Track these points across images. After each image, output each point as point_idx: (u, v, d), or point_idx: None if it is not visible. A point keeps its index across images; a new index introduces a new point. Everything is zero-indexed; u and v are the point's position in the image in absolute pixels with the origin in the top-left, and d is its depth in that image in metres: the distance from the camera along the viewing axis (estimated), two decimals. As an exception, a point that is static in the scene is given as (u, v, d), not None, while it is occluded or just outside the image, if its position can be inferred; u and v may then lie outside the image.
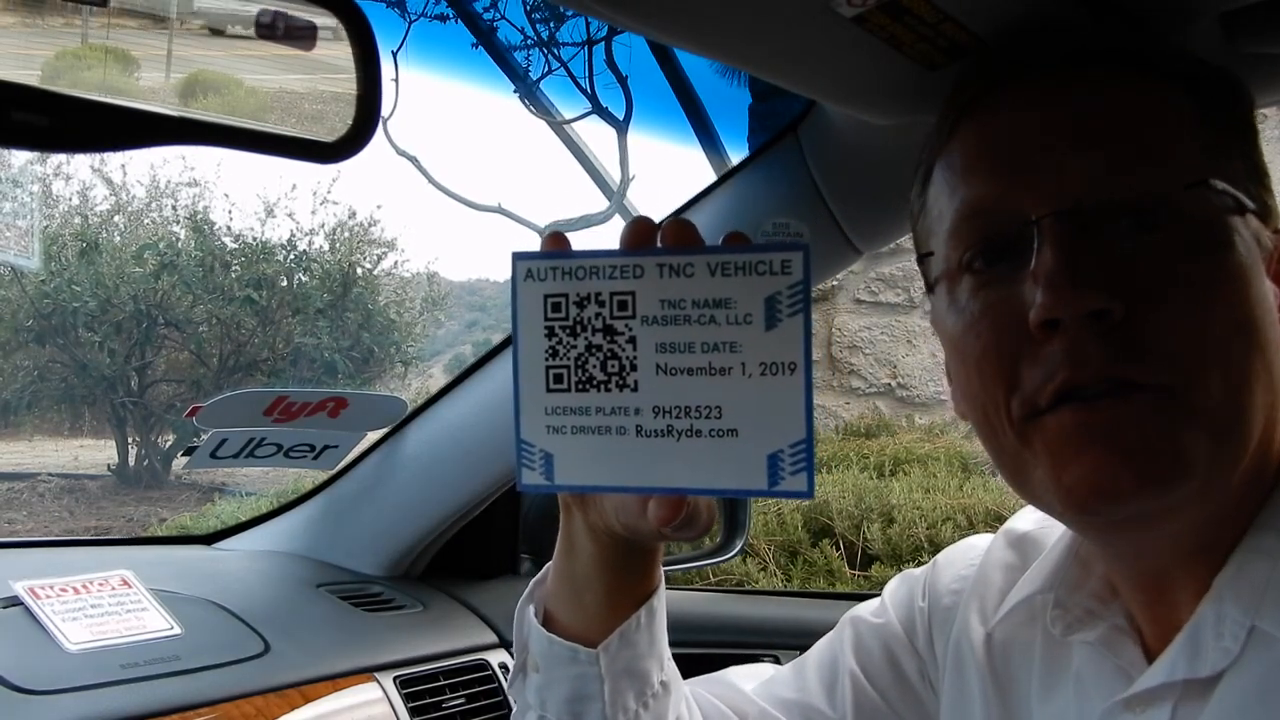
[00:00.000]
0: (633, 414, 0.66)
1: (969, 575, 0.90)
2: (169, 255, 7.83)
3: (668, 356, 0.65)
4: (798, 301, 0.63)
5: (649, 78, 8.46)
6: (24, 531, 6.76)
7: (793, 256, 0.63)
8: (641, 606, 0.80)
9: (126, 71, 0.64)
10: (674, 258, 0.65)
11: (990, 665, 0.85)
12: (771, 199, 1.27)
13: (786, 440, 0.63)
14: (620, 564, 0.79)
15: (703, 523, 0.71)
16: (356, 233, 8.58)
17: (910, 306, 5.48)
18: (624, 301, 0.66)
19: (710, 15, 0.79)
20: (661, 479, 0.67)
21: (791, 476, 0.63)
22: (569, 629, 0.81)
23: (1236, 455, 0.67)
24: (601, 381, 0.67)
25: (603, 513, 0.75)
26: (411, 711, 1.33)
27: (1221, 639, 0.67)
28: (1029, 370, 0.68)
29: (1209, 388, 0.65)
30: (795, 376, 0.63)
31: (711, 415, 0.65)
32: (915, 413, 5.37)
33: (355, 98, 0.66)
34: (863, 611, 0.98)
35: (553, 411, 0.68)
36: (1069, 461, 0.67)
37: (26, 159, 6.67)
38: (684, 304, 0.65)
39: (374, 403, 1.56)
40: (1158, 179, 0.67)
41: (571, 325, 0.67)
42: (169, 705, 1.13)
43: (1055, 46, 0.73)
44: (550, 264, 0.68)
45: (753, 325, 0.64)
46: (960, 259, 0.73)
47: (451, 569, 1.68)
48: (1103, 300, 0.65)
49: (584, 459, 0.68)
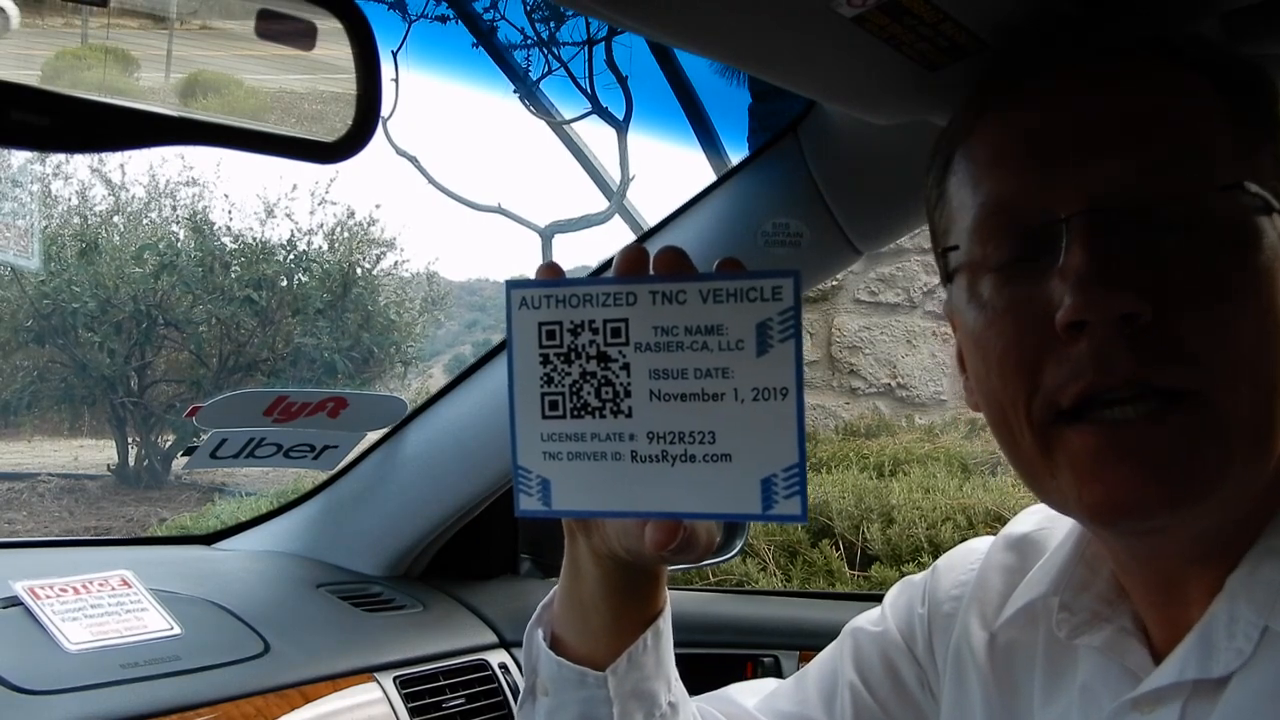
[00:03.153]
0: (628, 439, 0.67)
1: (968, 580, 0.90)
2: (169, 255, 7.83)
3: (661, 382, 0.66)
4: (789, 327, 0.64)
5: (649, 78, 8.47)
6: (24, 531, 6.76)
7: (783, 283, 0.64)
8: (648, 628, 0.81)
9: (126, 71, 0.64)
10: (666, 285, 0.66)
11: (992, 669, 0.84)
12: (771, 199, 1.27)
13: (779, 464, 0.64)
14: (625, 587, 0.80)
15: (701, 547, 0.72)
16: (356, 233, 8.58)
17: (910, 306, 5.48)
18: (617, 329, 0.67)
19: (710, 15, 0.79)
20: (657, 504, 0.67)
21: (785, 500, 0.64)
22: (577, 652, 0.82)
23: (1263, 462, 0.67)
24: (596, 408, 0.68)
25: (605, 537, 0.76)
26: (411, 711, 1.33)
27: (1234, 639, 0.66)
28: (1053, 369, 0.67)
29: (1237, 395, 0.65)
30: (787, 401, 0.64)
31: (705, 440, 0.66)
32: (915, 413, 5.37)
33: (355, 98, 0.66)
34: (863, 621, 0.98)
35: (549, 438, 0.69)
36: (1093, 479, 0.66)
37: (26, 159, 6.67)
38: (676, 330, 0.66)
39: (374, 403, 1.56)
40: (1191, 180, 0.66)
41: (566, 352, 0.68)
42: (169, 705, 1.13)
43: (1085, 39, 0.73)
44: (544, 292, 0.68)
45: (744, 351, 0.65)
46: (984, 253, 0.72)
47: (451, 569, 1.68)
48: (1132, 303, 0.64)
49: (580, 484, 0.69)
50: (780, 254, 1.25)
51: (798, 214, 1.25)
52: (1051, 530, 0.87)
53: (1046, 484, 0.71)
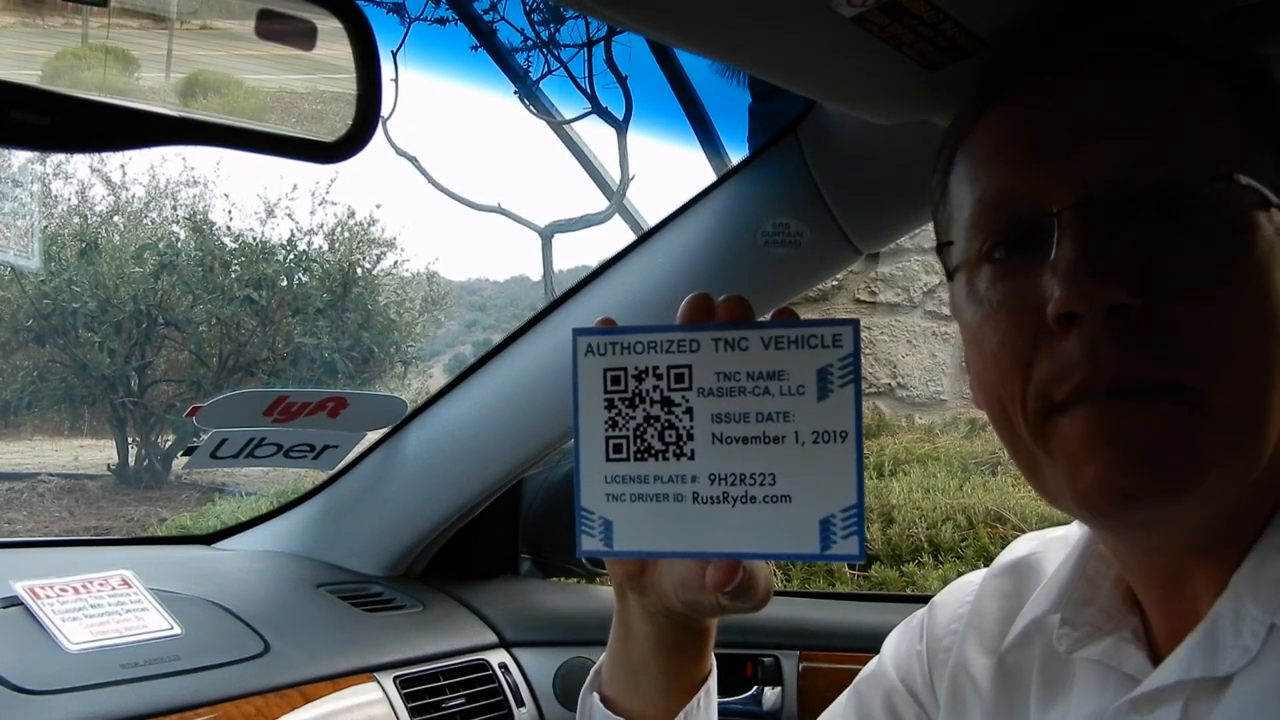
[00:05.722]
0: (689, 481, 0.69)
1: (964, 613, 0.90)
2: (169, 255, 7.83)
3: (723, 426, 0.69)
4: (849, 373, 0.66)
5: (649, 78, 8.48)
6: (24, 531, 6.76)
7: (843, 330, 0.67)
8: (699, 689, 0.83)
9: (127, 71, 0.64)
10: (729, 332, 0.69)
11: (994, 693, 0.84)
12: (771, 199, 1.27)
13: (838, 505, 0.66)
14: (676, 646, 0.82)
15: (760, 591, 0.73)
16: (356, 233, 8.58)
17: (910, 306, 5.48)
18: (681, 374, 0.69)
19: (710, 15, 0.79)
20: (717, 544, 0.69)
21: (843, 540, 0.66)
22: (628, 714, 0.84)
23: (1255, 456, 0.66)
24: (659, 451, 0.70)
25: (662, 593, 0.77)
26: (411, 711, 1.33)
27: (1240, 637, 0.66)
28: (1044, 363, 0.67)
29: (1229, 387, 0.64)
30: (846, 444, 0.66)
31: (766, 482, 0.68)
32: (915, 413, 5.37)
33: (355, 98, 0.66)
34: (863, 673, 0.98)
35: (612, 480, 0.71)
36: (1084, 463, 0.66)
37: (26, 159, 6.67)
38: (739, 376, 0.68)
39: (374, 403, 1.56)
40: (1184, 171, 0.66)
41: (630, 397, 0.70)
42: (169, 705, 1.13)
43: (1087, 33, 0.72)
44: (609, 340, 0.71)
45: (805, 396, 0.67)
46: (980, 248, 0.72)
47: (451, 569, 1.68)
48: (1121, 295, 0.64)
49: (642, 526, 0.70)
50: (780, 254, 1.26)
51: (798, 214, 1.25)
52: (1047, 553, 0.87)
53: (1043, 476, 0.71)
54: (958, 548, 3.68)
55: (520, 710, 1.50)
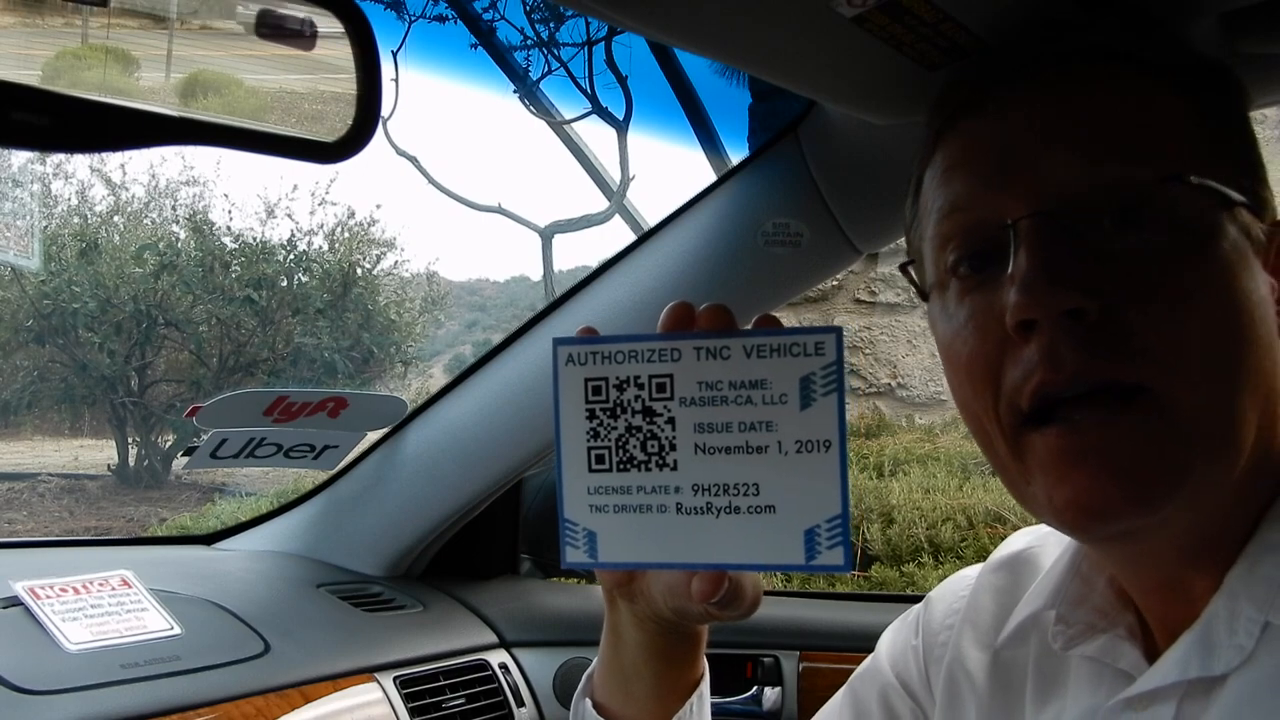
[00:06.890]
0: (673, 492, 0.69)
1: (960, 608, 0.90)
2: (169, 255, 7.83)
3: (706, 436, 0.68)
4: (831, 381, 0.66)
5: (649, 78, 8.47)
6: (24, 531, 6.76)
7: (826, 338, 0.66)
8: (692, 694, 0.83)
9: (126, 71, 0.64)
10: (710, 341, 0.68)
11: (990, 688, 0.85)
12: (771, 199, 1.27)
13: (823, 515, 0.66)
14: (667, 651, 0.82)
15: (747, 600, 0.73)
16: (356, 233, 8.58)
17: (910, 306, 5.48)
18: (662, 384, 0.69)
19: (710, 15, 0.79)
20: (702, 555, 0.69)
21: (828, 550, 0.66)
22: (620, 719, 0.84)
23: (1229, 457, 0.67)
24: (642, 461, 0.69)
25: (651, 600, 0.77)
26: (411, 711, 1.33)
27: (1235, 636, 0.66)
28: (1009, 371, 0.68)
29: (1193, 388, 0.65)
30: (830, 453, 0.65)
31: (749, 492, 0.67)
32: (915, 413, 5.37)
33: (355, 98, 0.66)
34: (859, 670, 0.99)
35: (595, 491, 0.70)
36: (1059, 482, 0.67)
37: (26, 159, 6.67)
38: (721, 385, 0.68)
39: (374, 403, 1.56)
40: (1136, 176, 0.66)
41: (612, 407, 0.70)
42: (169, 705, 1.13)
43: (1042, 49, 0.73)
44: (590, 349, 0.70)
45: (788, 405, 0.66)
46: (946, 265, 0.73)
47: (451, 569, 1.68)
48: (1076, 299, 0.64)
49: (626, 537, 0.70)
50: (780, 254, 1.26)
51: (798, 214, 1.25)
52: (1043, 548, 0.87)
53: (1024, 490, 0.71)
54: (958, 548, 3.69)
55: (520, 710, 1.50)
